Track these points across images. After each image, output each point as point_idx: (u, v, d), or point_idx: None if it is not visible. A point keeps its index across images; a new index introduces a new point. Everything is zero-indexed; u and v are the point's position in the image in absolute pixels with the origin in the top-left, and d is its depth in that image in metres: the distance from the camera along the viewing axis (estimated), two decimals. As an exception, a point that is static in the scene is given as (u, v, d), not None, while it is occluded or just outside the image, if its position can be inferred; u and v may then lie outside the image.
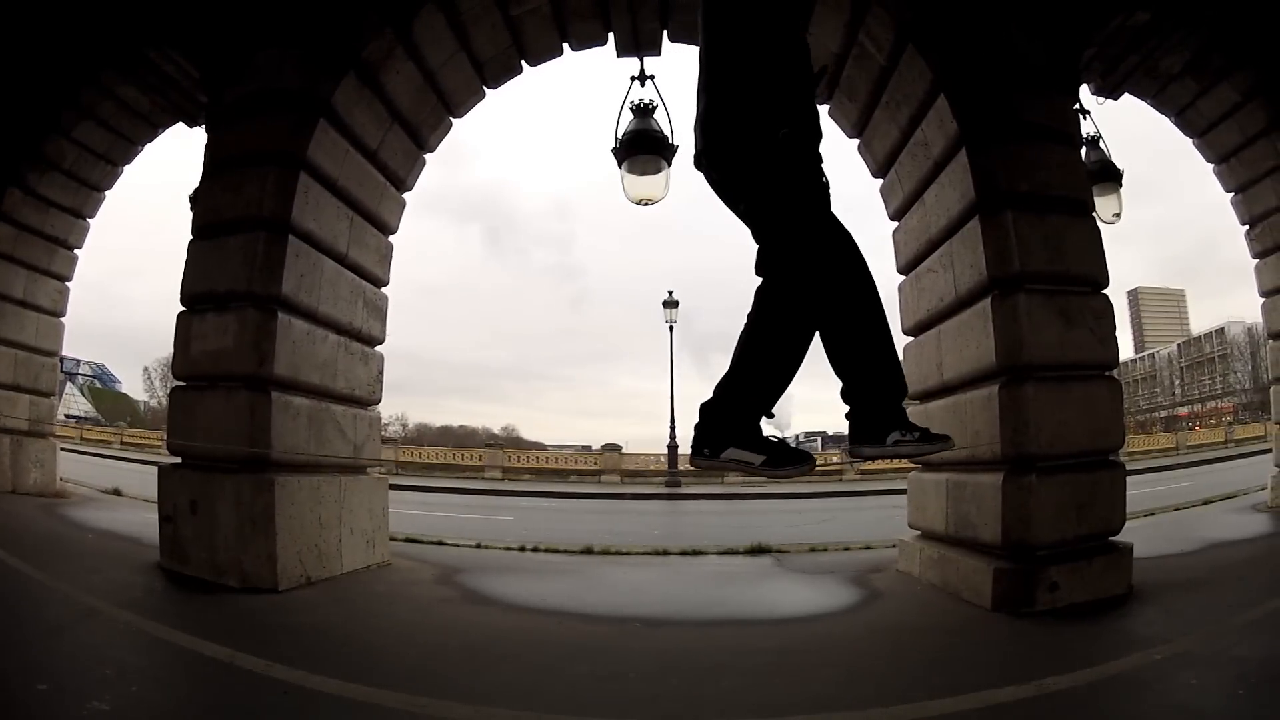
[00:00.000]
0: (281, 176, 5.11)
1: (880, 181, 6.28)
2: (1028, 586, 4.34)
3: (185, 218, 5.67)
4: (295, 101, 5.22)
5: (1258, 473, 9.90)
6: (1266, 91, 6.90)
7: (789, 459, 2.32)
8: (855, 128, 6.23)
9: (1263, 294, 8.05)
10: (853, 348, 2.30)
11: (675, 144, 6.15)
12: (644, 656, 3.78)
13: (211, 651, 3.35)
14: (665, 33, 6.09)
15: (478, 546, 7.36)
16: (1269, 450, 8.95)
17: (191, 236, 5.43)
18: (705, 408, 2.35)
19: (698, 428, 2.37)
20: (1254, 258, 8.02)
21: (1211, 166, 7.87)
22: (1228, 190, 7.93)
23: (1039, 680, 3.12)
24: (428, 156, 6.45)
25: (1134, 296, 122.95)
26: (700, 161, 2.37)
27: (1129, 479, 5.00)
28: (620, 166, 6.19)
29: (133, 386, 69.76)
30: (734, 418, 2.32)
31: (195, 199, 5.80)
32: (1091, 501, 4.64)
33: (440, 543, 7.41)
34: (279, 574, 4.67)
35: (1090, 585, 4.45)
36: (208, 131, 5.73)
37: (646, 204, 6.27)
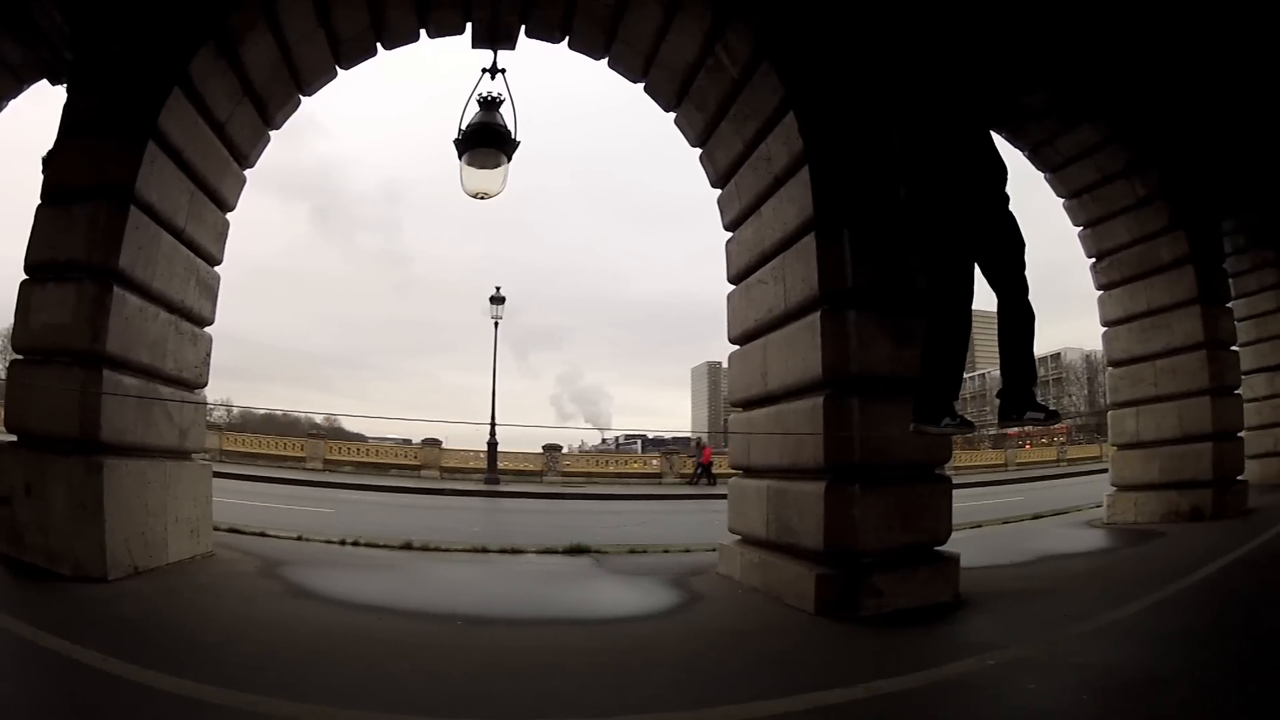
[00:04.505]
0: (129, 143, 4.85)
1: (719, 192, 6.37)
2: (851, 592, 4.48)
3: (37, 180, 5.28)
4: (152, 66, 4.94)
5: (1092, 491, 10.38)
6: (1128, 135, 7.39)
7: (969, 426, 3.82)
8: (700, 137, 6.33)
9: (1104, 324, 8.57)
10: (1011, 350, 3.54)
11: (517, 139, 6.02)
12: (468, 655, 3.78)
13: (51, 644, 3.26)
14: (524, 27, 6.03)
15: (299, 539, 7.32)
16: (1104, 470, 9.46)
17: (40, 201, 5.06)
18: (919, 395, 3.65)
19: (916, 408, 3.66)
20: (1098, 289, 8.56)
21: (1061, 201, 8.38)
22: (1076, 224, 8.45)
23: (867, 683, 3.18)
24: (272, 133, 6.24)
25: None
26: None
27: (957, 492, 5.21)
28: (460, 158, 6.01)
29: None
30: (943, 399, 3.58)
31: (48, 162, 5.41)
32: (917, 512, 4.84)
33: (263, 534, 7.30)
34: (108, 563, 4.48)
35: (917, 592, 4.62)
36: (68, 92, 5.33)
37: (483, 198, 6.13)
